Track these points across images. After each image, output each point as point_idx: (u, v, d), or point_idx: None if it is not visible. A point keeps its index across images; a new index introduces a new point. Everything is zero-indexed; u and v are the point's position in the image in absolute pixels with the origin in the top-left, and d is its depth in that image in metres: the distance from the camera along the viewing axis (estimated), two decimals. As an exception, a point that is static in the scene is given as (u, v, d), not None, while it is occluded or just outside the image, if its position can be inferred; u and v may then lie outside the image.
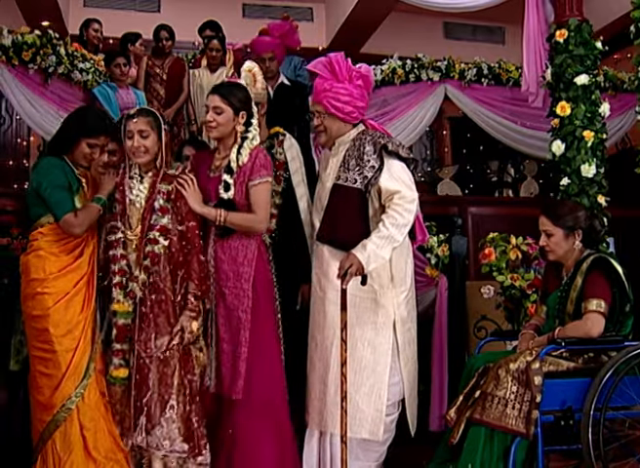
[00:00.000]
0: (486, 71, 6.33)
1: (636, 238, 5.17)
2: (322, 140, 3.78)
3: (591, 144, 4.72)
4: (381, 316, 3.64)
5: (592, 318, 3.50)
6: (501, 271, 4.56)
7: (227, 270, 3.63)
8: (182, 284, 3.52)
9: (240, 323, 3.59)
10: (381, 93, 6.15)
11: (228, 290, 3.62)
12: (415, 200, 3.57)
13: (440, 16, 8.47)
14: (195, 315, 3.48)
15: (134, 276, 3.49)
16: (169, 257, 3.53)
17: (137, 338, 3.46)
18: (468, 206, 5.97)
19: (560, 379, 3.48)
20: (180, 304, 3.50)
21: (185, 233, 3.55)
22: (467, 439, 3.48)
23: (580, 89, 4.76)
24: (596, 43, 4.87)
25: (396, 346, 3.67)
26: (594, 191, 4.72)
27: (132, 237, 3.54)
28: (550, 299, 3.83)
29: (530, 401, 3.37)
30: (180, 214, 3.56)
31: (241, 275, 3.62)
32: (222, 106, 3.58)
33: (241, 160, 3.60)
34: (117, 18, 8.00)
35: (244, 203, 3.60)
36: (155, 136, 3.54)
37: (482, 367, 3.66)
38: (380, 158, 3.57)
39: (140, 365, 3.44)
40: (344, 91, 3.62)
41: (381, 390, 3.60)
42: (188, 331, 3.44)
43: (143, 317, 3.48)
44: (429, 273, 4.99)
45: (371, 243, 3.44)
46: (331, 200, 3.66)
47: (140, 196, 3.56)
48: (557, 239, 3.71)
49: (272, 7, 8.38)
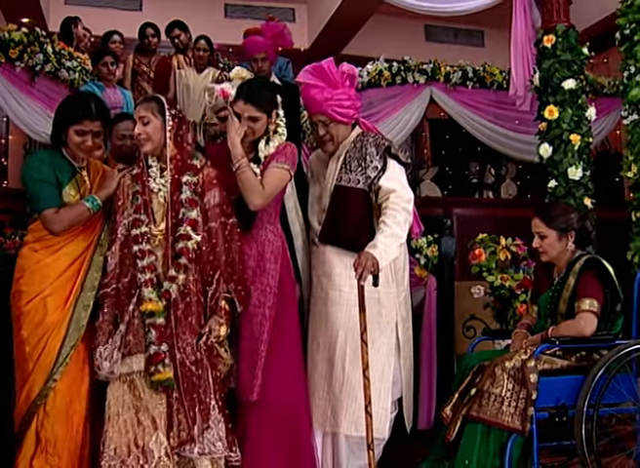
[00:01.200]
0: (471, 74, 6.41)
1: (614, 240, 5.26)
2: (330, 148, 3.76)
3: (578, 148, 4.83)
4: (384, 316, 3.66)
5: (585, 317, 3.58)
6: (491, 271, 4.64)
7: (254, 266, 3.54)
8: (214, 285, 3.32)
9: (264, 319, 3.49)
10: (367, 95, 6.17)
11: (254, 286, 3.51)
12: (411, 200, 3.64)
13: (421, 18, 8.55)
14: (224, 321, 3.32)
15: (171, 275, 3.25)
16: (197, 255, 3.31)
17: (176, 345, 3.22)
18: (453, 207, 6.06)
19: (554, 377, 3.54)
20: (211, 307, 3.32)
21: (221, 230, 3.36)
22: (464, 436, 3.53)
23: (567, 93, 4.88)
24: (582, 48, 4.98)
25: (397, 345, 3.72)
26: (580, 193, 4.84)
27: (156, 232, 3.32)
28: (542, 299, 3.90)
29: (525, 398, 3.43)
30: (209, 208, 3.37)
31: (268, 271, 3.55)
32: (258, 115, 3.51)
33: (268, 150, 3.54)
34: (99, 16, 7.94)
35: None
36: (158, 122, 3.32)
37: (477, 365, 3.71)
38: (384, 159, 3.62)
39: (185, 373, 3.22)
40: (345, 96, 3.64)
41: (387, 389, 3.63)
42: (215, 334, 3.27)
43: (178, 321, 3.26)
44: (418, 273, 5.04)
45: (379, 242, 3.45)
46: (333, 201, 3.67)
47: (162, 190, 3.35)
48: (551, 240, 3.78)
49: (254, 7, 8.40)
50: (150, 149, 3.35)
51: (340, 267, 3.66)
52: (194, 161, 3.41)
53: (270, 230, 3.60)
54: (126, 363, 3.22)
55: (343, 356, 3.59)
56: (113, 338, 3.23)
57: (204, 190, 3.38)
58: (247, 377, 3.47)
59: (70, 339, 3.28)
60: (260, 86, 3.64)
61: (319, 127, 3.70)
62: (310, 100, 3.68)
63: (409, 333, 3.84)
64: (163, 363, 3.18)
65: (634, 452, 3.58)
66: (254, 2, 8.49)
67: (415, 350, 4.84)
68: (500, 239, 4.73)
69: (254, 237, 3.57)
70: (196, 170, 3.39)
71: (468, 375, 3.72)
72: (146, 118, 3.32)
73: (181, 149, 3.38)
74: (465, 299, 5.11)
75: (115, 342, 3.22)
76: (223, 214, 3.39)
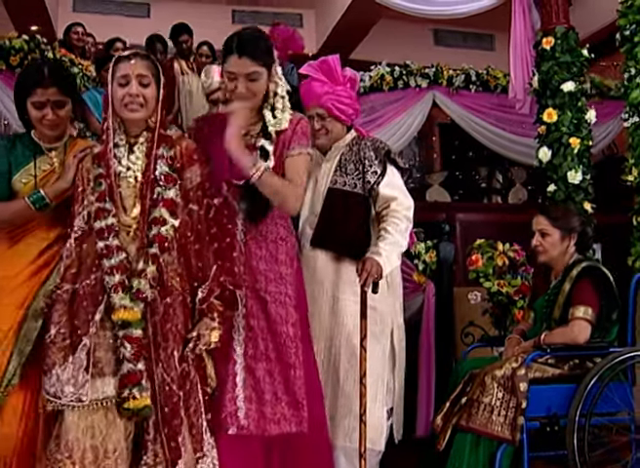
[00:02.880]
0: (474, 78, 6.36)
1: (621, 244, 5.18)
2: (323, 143, 3.59)
3: (577, 151, 4.75)
4: (380, 324, 3.52)
5: (578, 325, 3.51)
6: (488, 277, 4.56)
7: (267, 270, 3.00)
8: (208, 282, 2.71)
9: (289, 339, 2.96)
10: (369, 99, 6.16)
11: (270, 296, 2.98)
12: (411, 207, 3.52)
13: (430, 23, 8.51)
14: (217, 325, 2.68)
15: (139, 269, 2.62)
16: (180, 245, 2.71)
17: (155, 357, 2.62)
18: (456, 212, 6.00)
19: (546, 385, 3.48)
20: (201, 310, 2.69)
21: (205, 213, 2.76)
22: (454, 445, 3.47)
23: (566, 96, 4.80)
24: (582, 50, 4.91)
25: (392, 354, 3.62)
26: (580, 198, 4.75)
27: (129, 222, 2.68)
28: (538, 304, 3.84)
29: (515, 407, 3.37)
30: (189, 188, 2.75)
31: (284, 277, 3.04)
32: (258, 70, 2.90)
33: (280, 124, 2.98)
34: (106, 23, 7.98)
35: (280, 174, 3.00)
36: (155, 87, 2.72)
37: (469, 373, 3.66)
38: (383, 164, 3.52)
39: (167, 391, 2.59)
40: (345, 93, 3.54)
41: (382, 399, 3.52)
42: (204, 341, 2.65)
43: (157, 327, 2.63)
44: (417, 279, 4.99)
45: (382, 249, 3.33)
46: (327, 204, 3.52)
47: (132, 168, 2.71)
48: (553, 240, 3.71)
49: (262, 13, 8.40)
50: (140, 118, 2.72)
51: (333, 274, 3.51)
52: (168, 131, 2.85)
53: (282, 225, 3.10)
54: (96, 386, 2.56)
55: (337, 366, 3.46)
56: (75, 356, 2.56)
57: (183, 166, 2.76)
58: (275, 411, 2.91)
59: (18, 355, 2.72)
60: (252, 35, 3.00)
61: (315, 121, 3.52)
62: (310, 93, 3.55)
63: (403, 343, 3.72)
64: (139, 385, 2.55)
65: (629, 463, 3.50)
66: (261, 8, 8.50)
67: (413, 357, 4.79)
68: (497, 244, 4.65)
69: (263, 235, 3.05)
70: (172, 141, 2.79)
71: (460, 383, 3.66)
72: (147, 78, 2.71)
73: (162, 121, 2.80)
74: (465, 305, 5.04)
75: (79, 361, 2.56)
76: (207, 195, 2.78)
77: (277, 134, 2.99)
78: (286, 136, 3.01)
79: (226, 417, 2.83)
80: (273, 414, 2.89)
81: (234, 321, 2.93)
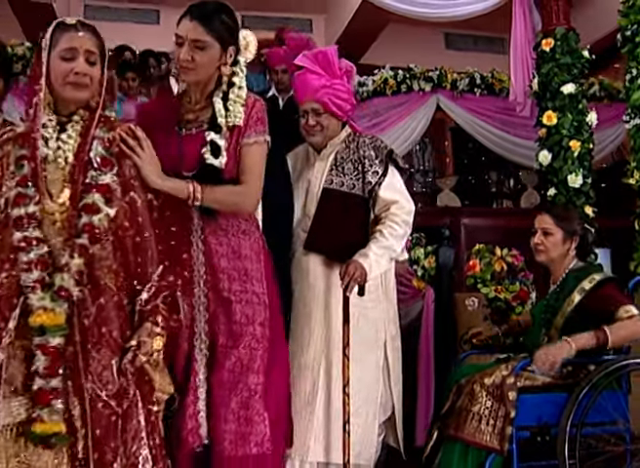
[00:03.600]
0: (479, 81, 6.28)
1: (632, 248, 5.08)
2: (317, 140, 3.41)
3: (578, 154, 4.66)
4: (373, 333, 3.37)
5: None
6: (486, 283, 4.49)
7: (229, 268, 2.72)
8: (155, 282, 2.36)
9: (255, 340, 2.69)
10: (373, 104, 6.11)
11: (235, 296, 2.70)
12: (412, 212, 3.38)
13: (441, 26, 8.42)
14: (161, 330, 2.32)
15: (63, 264, 2.22)
16: (118, 238, 2.33)
17: (84, 369, 2.23)
18: (461, 217, 5.93)
19: (536, 394, 3.39)
20: (143, 313, 2.33)
21: (149, 206, 2.43)
22: (441, 454, 3.43)
23: (566, 98, 4.71)
24: (583, 51, 4.81)
25: (386, 365, 3.43)
26: (581, 202, 4.65)
27: (55, 209, 2.29)
28: (536, 309, 3.77)
29: (504, 416, 3.29)
30: (130, 177, 2.41)
31: (249, 274, 2.75)
32: (207, 39, 2.60)
33: (234, 117, 2.68)
34: (116, 29, 7.97)
35: (234, 172, 2.70)
36: (100, 66, 2.38)
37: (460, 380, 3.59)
38: (385, 164, 3.36)
39: (99, 411, 2.21)
40: (343, 87, 3.36)
41: (374, 412, 3.35)
42: (145, 350, 2.28)
43: (88, 333, 2.24)
44: (416, 285, 4.93)
45: (371, 252, 3.20)
46: (322, 206, 3.35)
47: (63, 149, 2.32)
48: (555, 239, 3.61)
49: (271, 18, 8.34)
50: (85, 98, 2.39)
51: (326, 280, 3.35)
52: (107, 112, 2.48)
53: (244, 218, 2.81)
54: (11, 408, 2.19)
55: (329, 378, 3.28)
56: None
57: (120, 155, 2.42)
58: (231, 425, 2.63)
59: None
60: (216, 6, 2.71)
61: (309, 116, 3.36)
62: (306, 86, 3.37)
63: (398, 353, 3.55)
64: (49, 407, 2.16)
65: (624, 474, 3.42)
66: (270, 13, 8.44)
67: (412, 364, 4.72)
68: (495, 249, 4.58)
69: (223, 229, 2.74)
70: (111, 124, 2.44)
71: (451, 391, 3.59)
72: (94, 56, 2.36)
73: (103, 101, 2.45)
74: (467, 312, 4.96)
75: None
76: (148, 189, 2.45)
77: (231, 127, 2.69)
78: (245, 126, 2.71)
79: (187, 436, 2.58)
80: (234, 433, 2.62)
81: (195, 327, 2.67)
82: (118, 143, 2.40)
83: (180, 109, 2.79)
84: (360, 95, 6.05)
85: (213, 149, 2.63)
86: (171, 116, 2.76)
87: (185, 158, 2.66)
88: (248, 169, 2.70)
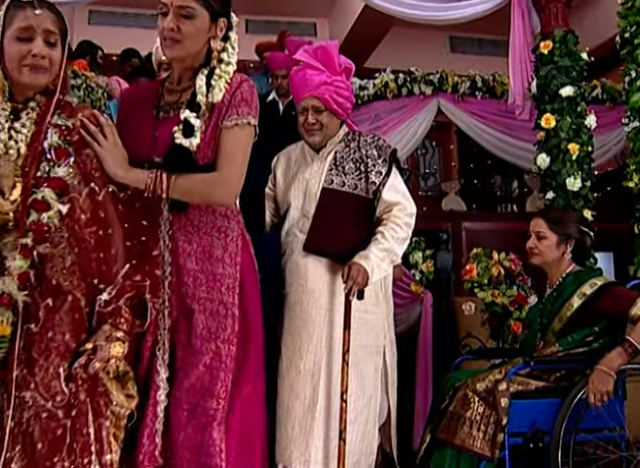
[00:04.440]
0: (480, 84, 6.23)
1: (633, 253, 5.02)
2: (317, 140, 3.28)
3: (577, 157, 4.59)
4: (373, 338, 3.25)
5: None
6: (483, 287, 4.44)
7: (196, 271, 2.39)
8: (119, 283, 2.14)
9: (218, 361, 2.34)
10: (374, 107, 6.06)
11: (198, 304, 2.37)
12: (414, 214, 3.28)
13: (445, 29, 8.38)
14: (123, 335, 2.11)
15: (7, 267, 2.02)
16: (75, 234, 2.12)
17: (26, 377, 2.02)
18: (463, 220, 5.89)
19: (529, 400, 3.36)
20: (101, 315, 2.11)
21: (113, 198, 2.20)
22: (433, 460, 3.39)
23: (564, 101, 4.65)
24: (582, 54, 4.75)
25: (384, 370, 3.32)
26: (580, 205, 4.59)
27: (8, 208, 2.08)
28: (532, 313, 3.73)
29: (495, 423, 3.25)
30: (86, 173, 2.17)
31: (220, 280, 2.41)
32: (194, 6, 2.32)
33: (215, 95, 2.36)
34: (122, 35, 8.01)
35: (210, 158, 2.38)
36: (61, 47, 2.16)
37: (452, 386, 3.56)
38: (389, 164, 3.23)
39: (43, 423, 2.00)
40: (344, 85, 3.25)
41: (374, 419, 3.23)
42: (101, 356, 2.05)
43: (34, 338, 2.04)
44: (414, 289, 4.89)
45: (373, 254, 3.09)
46: (322, 206, 3.21)
47: (15, 139, 2.11)
48: (549, 243, 3.58)
49: (276, 22, 8.32)
50: (44, 82, 2.16)
51: (327, 283, 3.21)
52: (68, 97, 2.31)
53: (221, 213, 2.46)
54: None
55: (329, 384, 3.15)
56: None
57: (80, 144, 2.18)
58: (185, 453, 2.33)
59: None
60: None
61: (309, 114, 3.23)
62: (306, 82, 3.22)
63: (395, 358, 3.44)
64: None
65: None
66: (275, 17, 8.44)
67: (410, 369, 4.68)
68: (492, 253, 4.53)
69: (195, 225, 2.43)
70: (71, 110, 2.23)
71: (446, 395, 3.56)
72: (54, 37, 2.13)
73: (63, 86, 2.23)
74: (465, 316, 4.92)
75: None
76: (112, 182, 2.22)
77: (213, 104, 2.38)
78: (222, 103, 2.38)
79: (143, 459, 2.29)
80: (187, 462, 2.32)
81: (158, 334, 2.36)
82: (79, 131, 2.16)
83: (161, 91, 2.51)
84: (361, 98, 6.01)
85: (185, 128, 2.31)
86: (150, 99, 2.48)
87: (159, 143, 2.37)
88: (225, 154, 2.35)
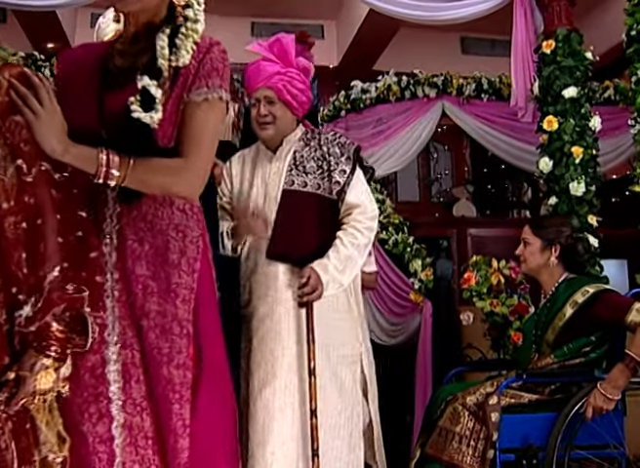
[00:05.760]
0: (486, 86, 6.06)
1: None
2: (270, 134, 3.04)
3: (580, 161, 4.40)
4: (348, 347, 3.04)
5: None
6: (482, 296, 4.28)
7: (147, 278, 1.90)
8: (29, 288, 1.67)
9: (170, 389, 1.86)
10: (376, 111, 5.93)
11: (148, 319, 1.88)
12: (376, 217, 3.06)
13: (457, 30, 8.24)
14: (53, 362, 1.67)
15: None
16: None
17: None
18: (468, 227, 5.73)
19: (522, 414, 3.19)
20: (23, 336, 1.67)
21: (45, 182, 1.74)
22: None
23: (568, 102, 4.46)
24: (586, 53, 4.56)
25: (363, 379, 3.10)
26: (585, 211, 4.39)
27: None
28: (527, 324, 3.58)
29: (486, 439, 3.10)
30: (13, 146, 1.71)
31: (175, 290, 1.91)
32: None
33: (182, 58, 1.92)
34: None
35: (172, 138, 1.94)
36: None
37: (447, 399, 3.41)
38: (353, 162, 3.02)
39: None
40: (299, 77, 3.04)
41: (357, 433, 2.99)
42: (25, 391, 1.64)
43: None
44: (413, 298, 4.74)
45: (331, 264, 2.86)
46: (283, 209, 2.99)
47: None
48: (533, 249, 3.45)
49: (282, 24, 8.20)
50: None
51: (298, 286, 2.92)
52: None
53: (179, 208, 2.00)
54: None
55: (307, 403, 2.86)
56: None
57: (7, 108, 1.70)
58: None
59: None
60: None
61: (261, 105, 3.00)
62: (258, 72, 3.02)
63: (373, 368, 3.25)
64: None
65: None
66: (281, 20, 8.34)
67: (409, 381, 4.56)
68: (492, 261, 4.36)
69: (148, 221, 1.95)
70: None
71: (437, 410, 3.41)
72: None
73: None
74: (468, 326, 4.76)
75: None
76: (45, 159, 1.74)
77: (176, 70, 1.92)
78: (188, 70, 1.93)
79: None
80: None
81: (104, 350, 1.86)
82: (7, 92, 1.69)
83: (110, 53, 2.03)
84: (363, 102, 5.88)
85: (144, 100, 1.83)
86: (95, 62, 2.00)
87: (108, 116, 1.90)
88: (192, 136, 1.90)
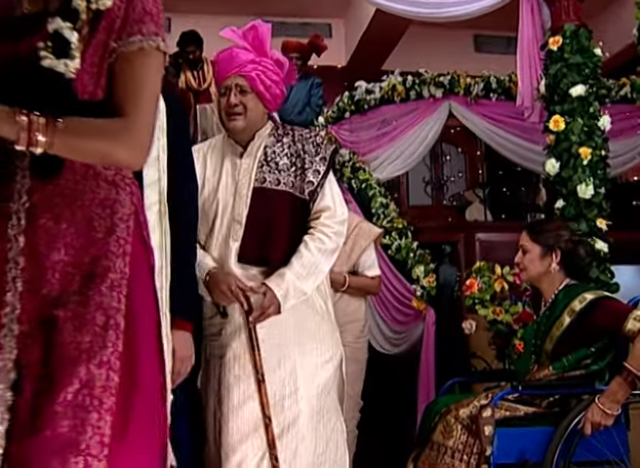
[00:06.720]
0: (495, 85, 5.87)
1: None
2: (239, 125, 2.86)
3: (588, 162, 4.19)
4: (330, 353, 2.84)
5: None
6: (485, 304, 4.10)
7: (65, 264, 1.52)
8: None
9: (90, 395, 1.44)
10: (381, 112, 5.78)
11: (65, 310, 1.50)
12: (345, 221, 2.88)
13: (470, 28, 8.07)
14: None
15: None
16: None
17: None
18: (476, 231, 5.56)
19: (517, 427, 3.05)
20: None
21: None
22: (413, 492, 3.12)
23: (575, 101, 4.26)
24: (595, 50, 4.35)
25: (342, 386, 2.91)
26: (593, 214, 4.18)
27: None
28: (527, 333, 3.43)
29: (479, 453, 2.96)
30: None
31: (101, 276, 1.53)
32: None
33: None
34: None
35: (97, 94, 1.58)
36: None
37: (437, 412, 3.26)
38: (328, 163, 2.87)
39: None
40: (273, 68, 2.89)
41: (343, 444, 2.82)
42: None
43: None
44: (416, 305, 4.58)
45: (290, 272, 2.70)
46: (255, 208, 2.81)
47: None
48: (532, 256, 3.29)
49: (289, 24, 8.11)
50: None
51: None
52: None
53: (106, 178, 1.62)
54: None
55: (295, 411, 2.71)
56: None
57: None
58: None
59: None
60: None
61: (232, 94, 2.83)
62: (231, 60, 2.85)
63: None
64: None
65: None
66: (288, 19, 8.20)
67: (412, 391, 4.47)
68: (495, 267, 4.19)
69: (66, 196, 1.56)
70: None
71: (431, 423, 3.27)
72: None
73: None
74: (471, 335, 4.58)
75: None
76: None
77: (97, 14, 1.55)
78: (113, 12, 1.56)
79: None
80: None
81: None
82: None
83: None
84: (367, 102, 5.74)
85: (56, 46, 1.49)
86: None
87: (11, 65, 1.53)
88: (130, 91, 1.56)
